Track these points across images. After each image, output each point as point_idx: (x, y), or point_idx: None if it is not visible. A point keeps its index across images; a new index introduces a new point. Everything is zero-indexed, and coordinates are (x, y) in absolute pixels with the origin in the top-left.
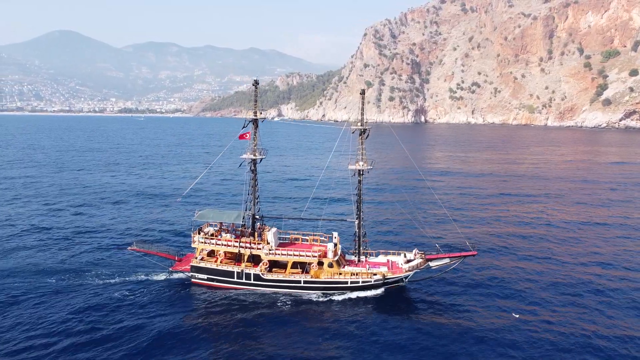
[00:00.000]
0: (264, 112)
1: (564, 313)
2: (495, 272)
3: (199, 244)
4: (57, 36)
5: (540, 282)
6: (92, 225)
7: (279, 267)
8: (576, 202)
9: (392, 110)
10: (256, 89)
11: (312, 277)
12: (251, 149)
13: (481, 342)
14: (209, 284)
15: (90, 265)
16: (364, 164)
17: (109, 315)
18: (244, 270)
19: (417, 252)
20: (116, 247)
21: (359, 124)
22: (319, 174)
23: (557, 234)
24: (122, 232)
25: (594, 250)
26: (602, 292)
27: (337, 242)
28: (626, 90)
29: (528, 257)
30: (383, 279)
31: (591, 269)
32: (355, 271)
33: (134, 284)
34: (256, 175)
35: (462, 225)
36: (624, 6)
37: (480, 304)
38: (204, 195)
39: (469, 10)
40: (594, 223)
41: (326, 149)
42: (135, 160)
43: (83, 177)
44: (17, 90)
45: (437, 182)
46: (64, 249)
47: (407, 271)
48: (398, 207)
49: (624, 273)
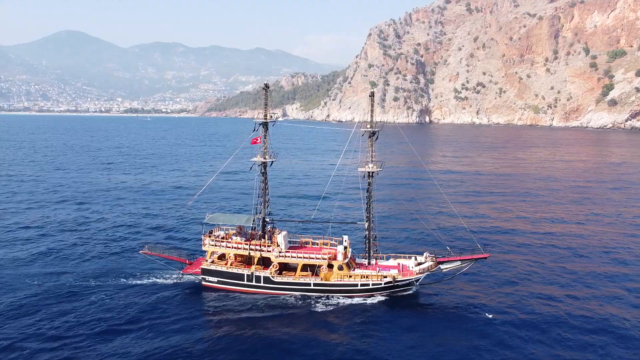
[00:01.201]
0: (270, 112)
1: (584, 310)
2: (508, 274)
3: (209, 247)
4: (64, 36)
5: (558, 283)
6: (103, 227)
7: (289, 270)
8: (593, 202)
9: (396, 110)
10: (266, 92)
11: (322, 280)
12: (261, 152)
13: (494, 345)
14: (219, 286)
15: (101, 267)
16: (373, 166)
17: (119, 317)
18: (254, 273)
19: (428, 255)
20: (128, 249)
21: (369, 125)
22: (328, 175)
23: (572, 233)
24: (134, 234)
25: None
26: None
27: (348, 245)
28: (632, 90)
29: (542, 259)
30: (393, 282)
31: (616, 267)
32: (365, 274)
33: (145, 286)
34: (266, 178)
35: (474, 227)
36: (631, 6)
37: (493, 306)
38: (215, 197)
39: (474, 10)
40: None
41: (333, 150)
42: (143, 160)
43: (92, 177)
44: (24, 91)
45: (446, 183)
46: (76, 251)
47: (417, 274)
48: (408, 209)
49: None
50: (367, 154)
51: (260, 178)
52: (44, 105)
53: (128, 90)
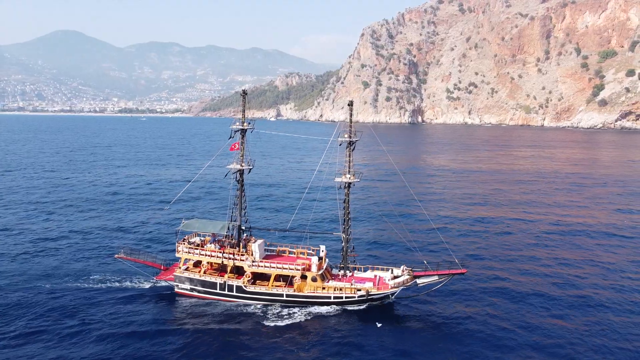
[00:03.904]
0: (265, 112)
1: (554, 327)
2: (485, 286)
3: (183, 254)
4: (60, 36)
5: (532, 298)
6: (75, 231)
7: (264, 279)
8: (569, 213)
9: (388, 110)
10: (244, 98)
11: (295, 291)
12: (238, 160)
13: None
14: (191, 294)
15: (75, 271)
16: (351, 177)
17: (89, 322)
18: (226, 281)
19: (405, 268)
20: (102, 253)
21: (346, 135)
22: (307, 183)
23: (549, 244)
24: (110, 238)
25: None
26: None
27: (324, 255)
28: (622, 90)
29: (521, 271)
30: (367, 295)
31: (590, 279)
32: (339, 286)
33: (118, 291)
34: (243, 185)
35: (452, 240)
36: (622, 6)
37: (468, 319)
38: (192, 202)
39: (466, 10)
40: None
41: (315, 155)
42: (120, 161)
43: (66, 180)
44: (19, 90)
45: (426, 191)
46: (48, 255)
47: (392, 288)
48: (386, 220)
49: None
50: (345, 163)
51: (237, 185)
52: (38, 105)
53: (124, 90)
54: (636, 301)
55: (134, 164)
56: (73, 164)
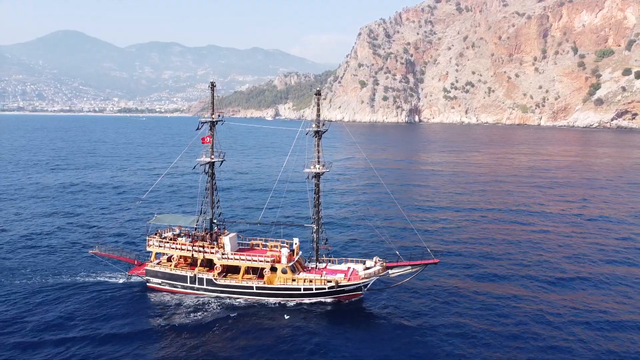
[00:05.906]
0: (263, 112)
1: (525, 321)
2: (456, 280)
3: (153, 248)
4: (61, 36)
5: (512, 287)
6: (50, 225)
7: (235, 272)
8: (542, 210)
9: (385, 110)
10: (213, 91)
11: (266, 283)
12: (207, 152)
13: (434, 347)
14: (163, 288)
15: (48, 267)
16: (320, 167)
17: (60, 317)
18: (197, 275)
19: (378, 259)
20: (76, 249)
21: (314, 124)
22: (278, 175)
23: (525, 238)
24: (83, 233)
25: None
26: None
27: (297, 248)
28: (618, 89)
29: (493, 265)
30: (337, 286)
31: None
32: (309, 278)
33: (91, 286)
34: (214, 178)
35: (424, 232)
36: (619, 5)
37: (437, 312)
38: (164, 196)
39: (463, 9)
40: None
41: (282, 150)
42: (93, 159)
43: (39, 177)
44: (20, 90)
45: (399, 187)
46: (21, 250)
47: (363, 278)
48: (360, 213)
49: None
50: (314, 154)
51: (207, 178)
52: (38, 105)
53: (125, 89)
54: (607, 276)
55: (111, 161)
56: (53, 161)
